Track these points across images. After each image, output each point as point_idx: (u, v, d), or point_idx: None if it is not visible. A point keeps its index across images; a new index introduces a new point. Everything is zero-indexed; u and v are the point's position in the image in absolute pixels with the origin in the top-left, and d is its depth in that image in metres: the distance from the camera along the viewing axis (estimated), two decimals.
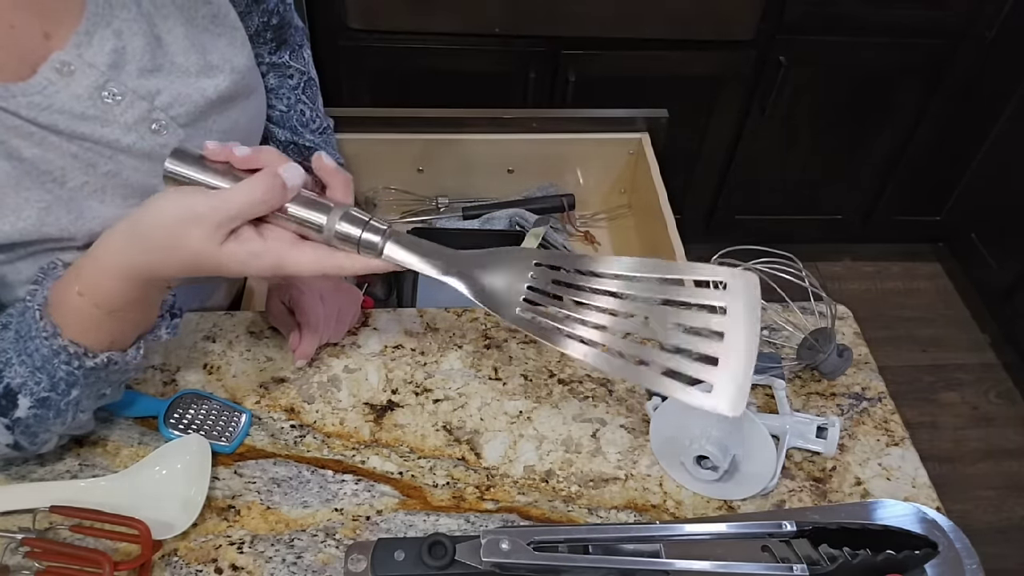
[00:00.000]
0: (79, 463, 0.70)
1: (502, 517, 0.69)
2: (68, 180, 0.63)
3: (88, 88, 0.63)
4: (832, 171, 2.00)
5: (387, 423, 0.76)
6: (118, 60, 0.64)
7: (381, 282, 1.08)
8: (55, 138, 0.62)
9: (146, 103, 0.66)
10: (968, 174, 2.03)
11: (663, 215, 1.07)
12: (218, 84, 0.70)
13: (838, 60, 1.75)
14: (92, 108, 0.63)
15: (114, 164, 0.65)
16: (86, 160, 0.64)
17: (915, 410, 1.94)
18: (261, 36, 0.83)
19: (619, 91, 1.72)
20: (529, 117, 1.19)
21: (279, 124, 0.88)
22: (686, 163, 1.93)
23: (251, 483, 0.70)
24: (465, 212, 1.19)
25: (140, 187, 0.67)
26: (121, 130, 0.65)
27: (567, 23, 1.61)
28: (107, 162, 0.65)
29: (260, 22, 0.81)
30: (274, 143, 0.88)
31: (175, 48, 0.68)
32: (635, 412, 0.78)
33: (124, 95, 0.64)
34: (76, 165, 0.63)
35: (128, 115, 0.65)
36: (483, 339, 0.83)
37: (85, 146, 0.63)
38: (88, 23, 0.63)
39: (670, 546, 0.62)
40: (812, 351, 0.79)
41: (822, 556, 0.61)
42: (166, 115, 0.67)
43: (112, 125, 0.64)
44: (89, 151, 0.64)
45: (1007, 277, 1.97)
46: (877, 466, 0.74)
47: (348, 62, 1.64)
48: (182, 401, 0.74)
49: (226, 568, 0.65)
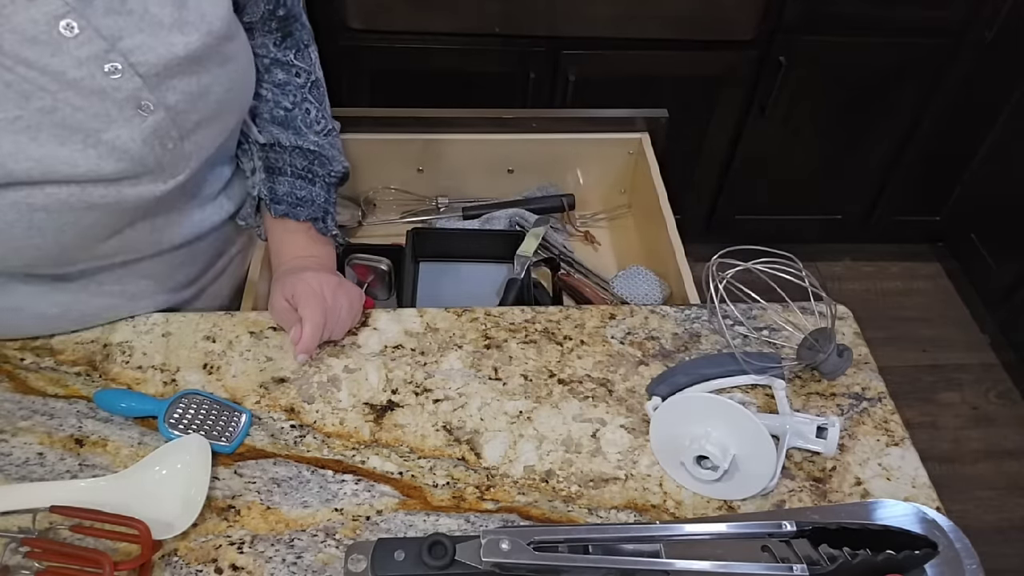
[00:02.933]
0: (79, 463, 0.70)
1: (502, 517, 0.69)
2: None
3: (47, 15, 0.59)
4: (832, 171, 2.00)
5: (387, 423, 0.76)
6: None
7: (381, 282, 1.08)
8: None
9: (104, 43, 0.62)
10: (968, 174, 2.03)
11: (663, 215, 1.07)
12: (189, 42, 0.67)
13: (838, 60, 1.75)
14: (45, 35, 0.59)
15: (52, 100, 0.61)
16: (21, 91, 0.60)
17: (915, 410, 1.94)
18: (267, 25, 0.83)
19: (619, 91, 1.72)
20: (529, 117, 1.19)
21: (284, 125, 0.86)
22: (686, 163, 1.93)
23: (251, 483, 0.70)
24: (465, 212, 1.19)
25: (80, 128, 0.63)
26: (71, 62, 0.61)
27: (567, 23, 1.61)
28: (45, 96, 0.60)
29: (266, 9, 0.81)
30: (279, 148, 0.86)
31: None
32: (635, 412, 0.78)
33: (83, 30, 0.61)
34: (8, 95, 0.59)
35: (83, 51, 0.61)
36: (483, 339, 0.83)
37: (27, 75, 0.59)
38: None
39: (670, 546, 0.62)
40: (812, 351, 0.79)
41: (822, 556, 0.61)
42: (125, 60, 0.63)
43: (62, 56, 0.60)
44: (27, 82, 0.60)
45: (1007, 277, 1.97)
46: (877, 466, 0.74)
47: (348, 62, 1.64)
48: (182, 401, 0.74)
49: (226, 568, 0.65)
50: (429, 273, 1.12)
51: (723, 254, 0.80)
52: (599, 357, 0.82)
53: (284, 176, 0.87)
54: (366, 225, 1.20)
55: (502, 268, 1.11)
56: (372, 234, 1.19)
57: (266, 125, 0.86)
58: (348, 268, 1.07)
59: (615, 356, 0.82)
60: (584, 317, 0.86)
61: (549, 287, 1.12)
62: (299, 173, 0.87)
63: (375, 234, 1.19)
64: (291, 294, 0.79)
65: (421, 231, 1.13)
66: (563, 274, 1.12)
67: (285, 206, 0.86)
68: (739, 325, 0.86)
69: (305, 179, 0.88)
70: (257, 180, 0.87)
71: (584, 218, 1.23)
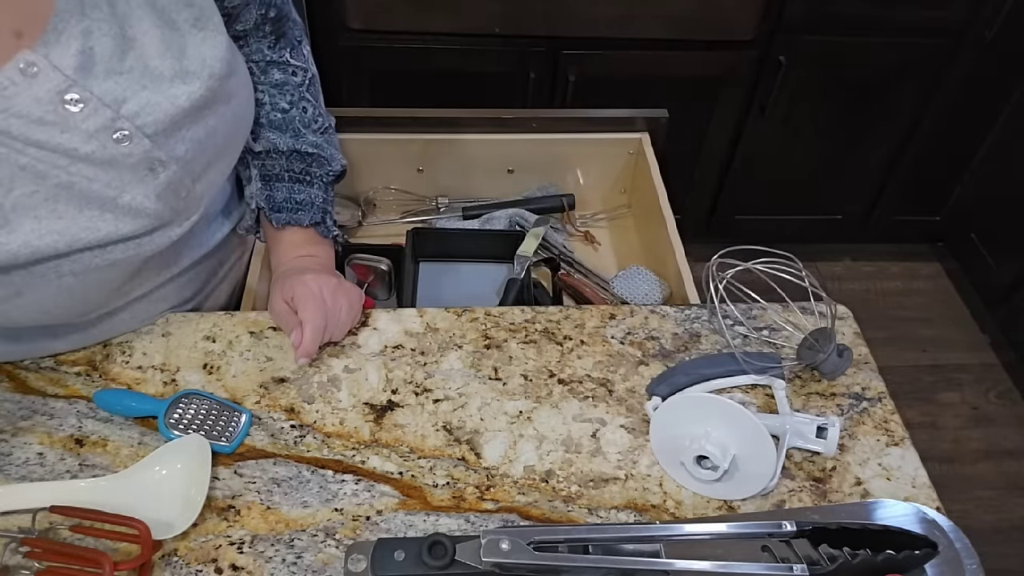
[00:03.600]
0: (79, 463, 0.70)
1: (502, 517, 0.69)
2: (15, 188, 0.59)
3: (50, 92, 0.59)
4: (832, 171, 2.00)
5: (387, 423, 0.76)
6: (85, 62, 0.60)
7: (381, 282, 1.08)
8: (3, 149, 0.58)
9: (110, 111, 0.62)
10: (968, 174, 2.03)
11: (663, 215, 1.07)
12: (192, 92, 0.66)
13: (838, 60, 1.75)
14: (52, 113, 0.59)
15: (67, 175, 0.61)
16: (36, 172, 0.60)
17: (915, 410, 1.94)
18: (260, 30, 0.82)
19: (619, 91, 1.72)
20: (529, 117, 1.19)
21: (281, 129, 0.85)
22: (686, 163, 1.93)
23: (251, 483, 0.70)
24: (465, 212, 1.19)
25: (97, 198, 0.63)
26: (81, 138, 0.61)
27: (567, 23, 1.61)
28: (60, 173, 0.61)
29: (258, 15, 0.80)
30: (275, 155, 0.86)
31: (150, 51, 0.64)
32: (635, 412, 0.78)
33: (87, 101, 0.60)
34: (25, 177, 0.59)
35: (90, 123, 0.61)
36: (483, 339, 0.83)
37: (39, 156, 0.59)
38: (57, 20, 0.59)
39: (670, 546, 0.62)
40: (812, 351, 0.79)
41: (822, 556, 0.61)
42: (132, 124, 0.63)
43: (71, 132, 0.60)
44: (41, 163, 0.60)
45: (1007, 277, 1.97)
46: (877, 466, 0.74)
47: (348, 62, 1.64)
48: (182, 401, 0.74)
49: (226, 568, 0.65)
50: (429, 273, 1.12)
51: (723, 254, 0.80)
52: (599, 357, 0.82)
53: (281, 182, 0.86)
54: (366, 225, 1.20)
55: (502, 268, 1.11)
56: (372, 234, 1.19)
57: (262, 131, 0.85)
58: (348, 268, 1.07)
59: (615, 356, 0.82)
60: (584, 317, 0.86)
61: (549, 287, 1.12)
62: (296, 177, 0.87)
63: (375, 234, 1.19)
64: (291, 296, 0.79)
65: (421, 231, 1.12)
66: (563, 274, 1.12)
67: (286, 214, 0.86)
68: (739, 325, 0.86)
69: (303, 182, 0.87)
70: (254, 190, 0.87)
71: (584, 218, 1.23)
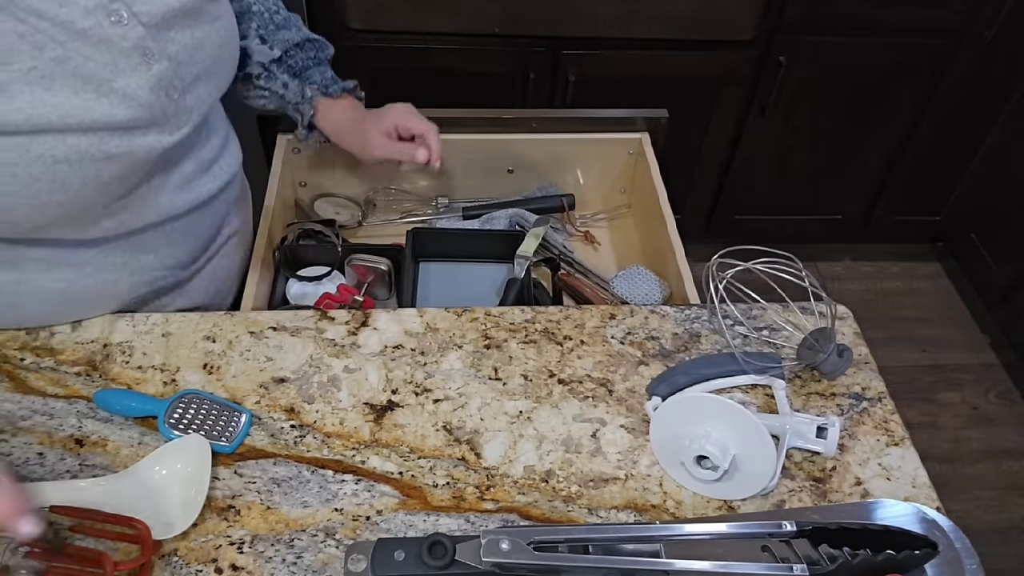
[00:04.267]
0: (79, 463, 0.70)
1: (502, 517, 0.69)
2: (14, 62, 0.61)
3: None
4: (832, 171, 2.00)
5: (387, 423, 0.76)
6: None
7: (381, 282, 1.08)
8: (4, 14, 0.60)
9: None
10: (968, 174, 2.03)
11: (663, 215, 1.07)
12: None
13: (838, 60, 1.75)
14: None
15: (63, 50, 0.62)
16: (34, 42, 0.61)
17: (915, 410, 1.94)
18: None
19: (619, 91, 1.72)
20: (529, 117, 1.19)
21: (286, 27, 0.95)
22: (686, 163, 1.93)
23: (251, 483, 0.70)
24: (465, 212, 1.19)
25: (92, 78, 0.65)
26: (79, 12, 0.62)
27: (567, 23, 1.61)
28: (57, 47, 0.62)
29: None
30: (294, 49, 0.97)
31: None
32: (635, 412, 0.78)
33: None
34: (23, 46, 0.61)
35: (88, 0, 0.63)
36: (483, 339, 0.83)
37: (38, 26, 0.61)
38: None
39: (670, 546, 0.62)
40: (812, 351, 0.79)
41: (822, 556, 0.61)
42: (127, 9, 0.65)
43: (70, 6, 0.62)
44: (39, 33, 0.61)
45: (1007, 277, 1.97)
46: (877, 466, 0.74)
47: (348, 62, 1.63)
48: (182, 401, 0.74)
49: (226, 568, 0.65)
50: (429, 273, 1.12)
51: (723, 254, 0.80)
52: (599, 357, 0.82)
53: (310, 68, 0.99)
54: (366, 225, 1.20)
55: (502, 268, 1.11)
56: (372, 234, 1.19)
57: (274, 36, 0.95)
58: (348, 268, 1.07)
59: (615, 356, 0.82)
60: (584, 317, 0.86)
61: (549, 287, 1.12)
62: (320, 60, 1.01)
63: (375, 234, 1.19)
64: (392, 125, 0.97)
65: (421, 231, 1.12)
66: (563, 274, 1.12)
67: (337, 84, 1.01)
68: (739, 325, 0.86)
69: (323, 63, 1.01)
70: (291, 93, 0.98)
71: (584, 218, 1.23)
